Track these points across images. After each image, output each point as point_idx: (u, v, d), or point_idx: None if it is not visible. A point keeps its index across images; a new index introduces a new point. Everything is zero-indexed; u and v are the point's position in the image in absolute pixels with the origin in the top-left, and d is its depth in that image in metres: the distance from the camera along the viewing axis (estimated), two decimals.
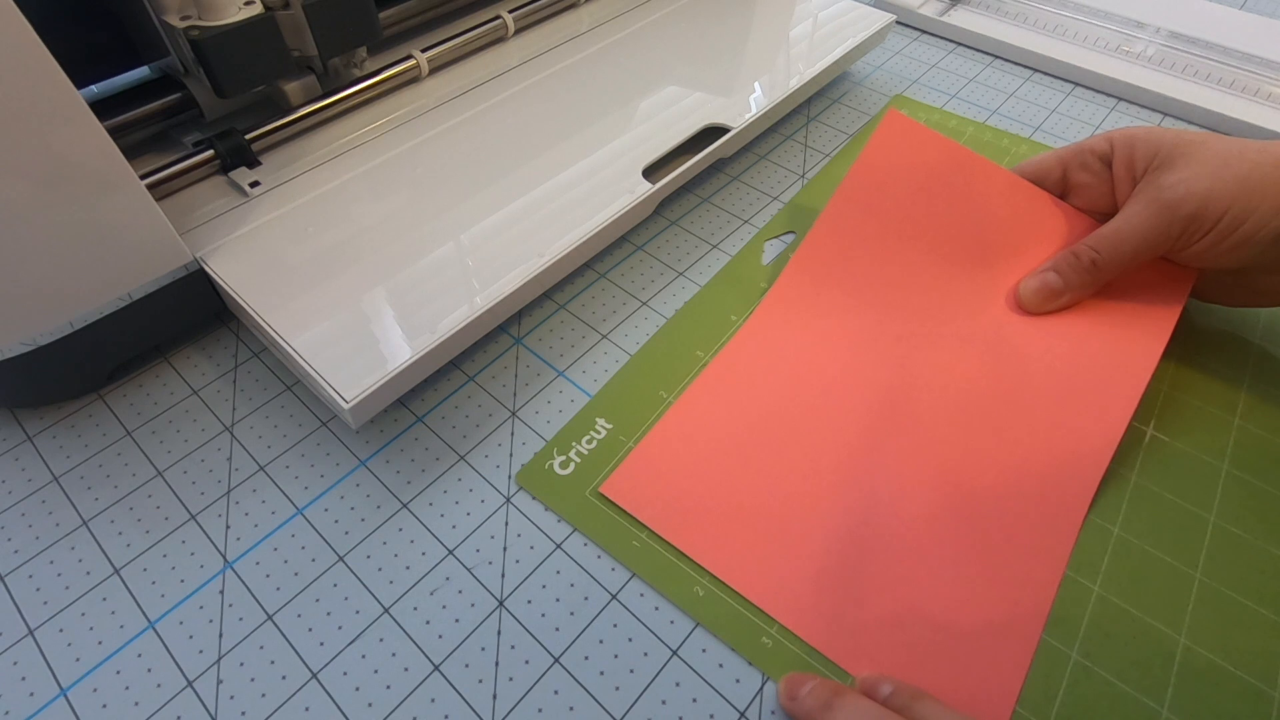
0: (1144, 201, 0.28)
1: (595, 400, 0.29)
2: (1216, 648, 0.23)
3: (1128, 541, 0.26)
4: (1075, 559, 0.25)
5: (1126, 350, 0.29)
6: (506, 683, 0.23)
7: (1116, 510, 0.27)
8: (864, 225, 0.33)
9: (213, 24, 0.29)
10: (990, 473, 0.27)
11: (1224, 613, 0.24)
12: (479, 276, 0.29)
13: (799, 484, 0.26)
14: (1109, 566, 0.25)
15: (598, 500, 0.26)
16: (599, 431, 0.28)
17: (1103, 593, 0.25)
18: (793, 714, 0.22)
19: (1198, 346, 0.31)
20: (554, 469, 0.27)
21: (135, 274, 0.27)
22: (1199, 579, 0.25)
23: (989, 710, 0.22)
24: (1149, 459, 0.28)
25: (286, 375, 0.30)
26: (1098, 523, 0.26)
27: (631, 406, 0.29)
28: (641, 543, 0.25)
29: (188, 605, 0.24)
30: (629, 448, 0.28)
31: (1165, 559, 0.25)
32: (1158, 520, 0.26)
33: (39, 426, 0.29)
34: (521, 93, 0.38)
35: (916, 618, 0.24)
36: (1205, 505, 0.27)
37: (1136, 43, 0.47)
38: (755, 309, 0.32)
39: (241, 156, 0.33)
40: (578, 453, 0.28)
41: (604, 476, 0.27)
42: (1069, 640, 0.24)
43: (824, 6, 0.45)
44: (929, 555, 0.25)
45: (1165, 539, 0.26)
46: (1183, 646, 0.23)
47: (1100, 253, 0.29)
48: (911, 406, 0.28)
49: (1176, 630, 0.24)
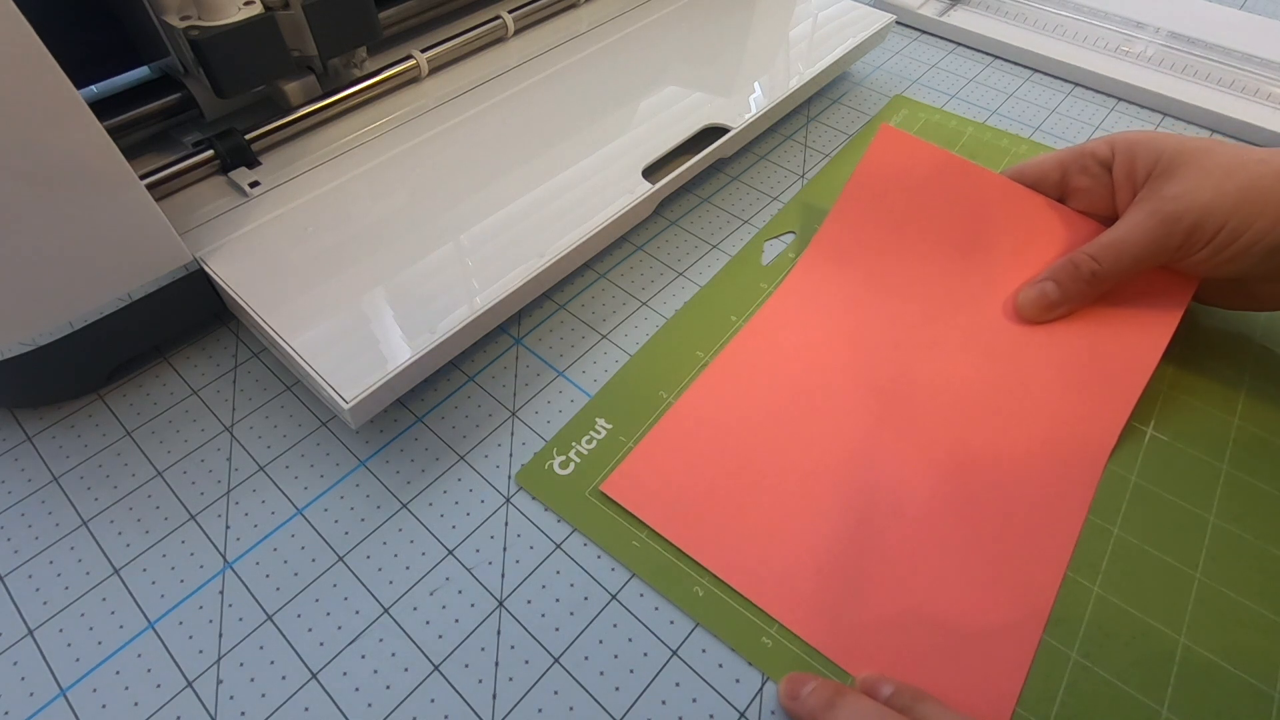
0: (1145, 212, 0.27)
1: (595, 400, 0.29)
2: (1216, 648, 0.23)
3: (1127, 541, 0.26)
4: (1075, 559, 0.25)
5: (1125, 354, 0.29)
6: (506, 683, 0.23)
7: (1116, 510, 0.27)
8: (863, 233, 0.33)
9: (213, 24, 0.29)
10: (990, 474, 0.27)
11: (1224, 613, 0.24)
12: (479, 276, 0.29)
13: (799, 484, 0.26)
14: (1109, 567, 0.25)
15: (597, 500, 0.26)
16: (599, 431, 0.28)
17: (1102, 593, 0.25)
18: (794, 714, 0.22)
19: (1198, 346, 0.31)
20: (554, 469, 0.27)
21: (135, 274, 0.27)
22: (1199, 579, 0.25)
23: (989, 711, 0.22)
24: (1149, 459, 0.28)
25: (286, 375, 0.30)
26: (1097, 523, 0.26)
27: (631, 406, 0.29)
28: (641, 542, 0.25)
29: (187, 605, 0.24)
30: (629, 447, 0.28)
31: (1165, 559, 0.25)
32: (1157, 520, 0.26)
33: (39, 426, 0.29)
34: (521, 93, 0.38)
35: (917, 618, 0.24)
36: (1205, 505, 0.27)
37: (1136, 43, 0.47)
38: (757, 310, 0.32)
39: (241, 156, 0.33)
40: (577, 453, 0.28)
41: (604, 476, 0.27)
42: (1069, 640, 0.24)
43: (824, 6, 0.45)
44: (930, 555, 0.25)
45: (1165, 539, 0.26)
46: (1182, 646, 0.23)
47: (1100, 263, 0.28)
48: (911, 409, 0.28)
49: (1176, 630, 0.24)
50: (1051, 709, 0.22)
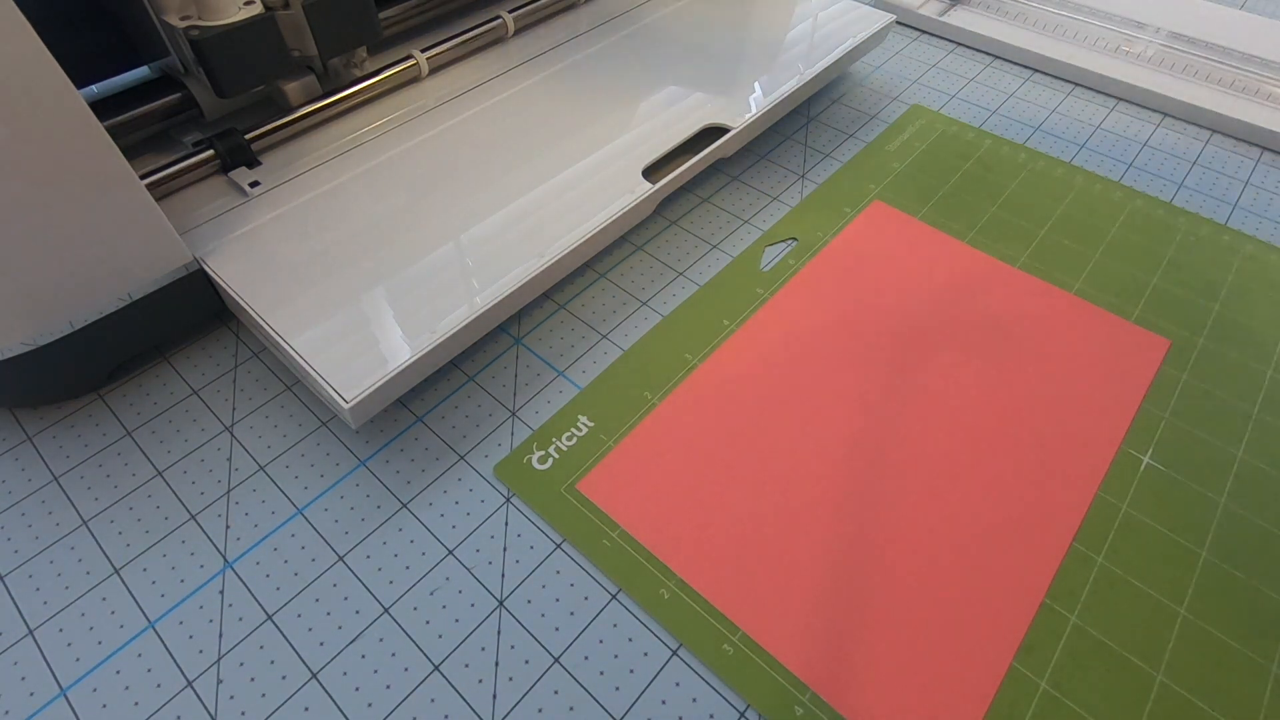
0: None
1: (579, 397, 0.30)
2: (1194, 686, 0.22)
3: (1111, 572, 0.25)
4: (1054, 586, 0.24)
5: (1106, 398, 0.29)
6: (506, 683, 0.23)
7: (1102, 539, 0.26)
8: (854, 267, 0.34)
9: (213, 24, 0.29)
10: (972, 498, 0.27)
11: (1206, 652, 0.23)
12: (479, 276, 0.29)
13: (776, 499, 0.26)
14: (1089, 596, 0.24)
15: (572, 497, 0.26)
16: (580, 429, 0.28)
17: (1080, 622, 0.24)
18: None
19: (1206, 375, 0.30)
20: (532, 463, 0.27)
21: (135, 274, 0.27)
22: (1183, 615, 0.24)
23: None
24: (1142, 488, 0.27)
25: (286, 375, 0.30)
26: (1081, 550, 0.25)
27: (614, 406, 0.29)
28: (612, 542, 0.25)
29: (188, 605, 0.24)
30: (609, 446, 0.28)
31: (1150, 592, 0.24)
32: (1145, 552, 0.25)
33: (39, 426, 0.29)
34: (521, 93, 0.38)
35: (883, 638, 0.23)
36: (1198, 540, 0.26)
37: (1136, 43, 0.47)
38: (750, 317, 0.32)
39: (241, 156, 0.33)
40: (557, 448, 0.28)
41: (581, 474, 0.27)
42: (1039, 669, 0.23)
43: (824, 6, 0.45)
44: (902, 577, 0.25)
45: (1152, 572, 0.25)
46: (1159, 683, 0.22)
47: None
48: (895, 431, 0.28)
49: (1155, 666, 0.23)
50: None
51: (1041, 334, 0.31)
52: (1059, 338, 0.31)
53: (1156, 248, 0.35)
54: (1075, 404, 0.29)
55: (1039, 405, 0.29)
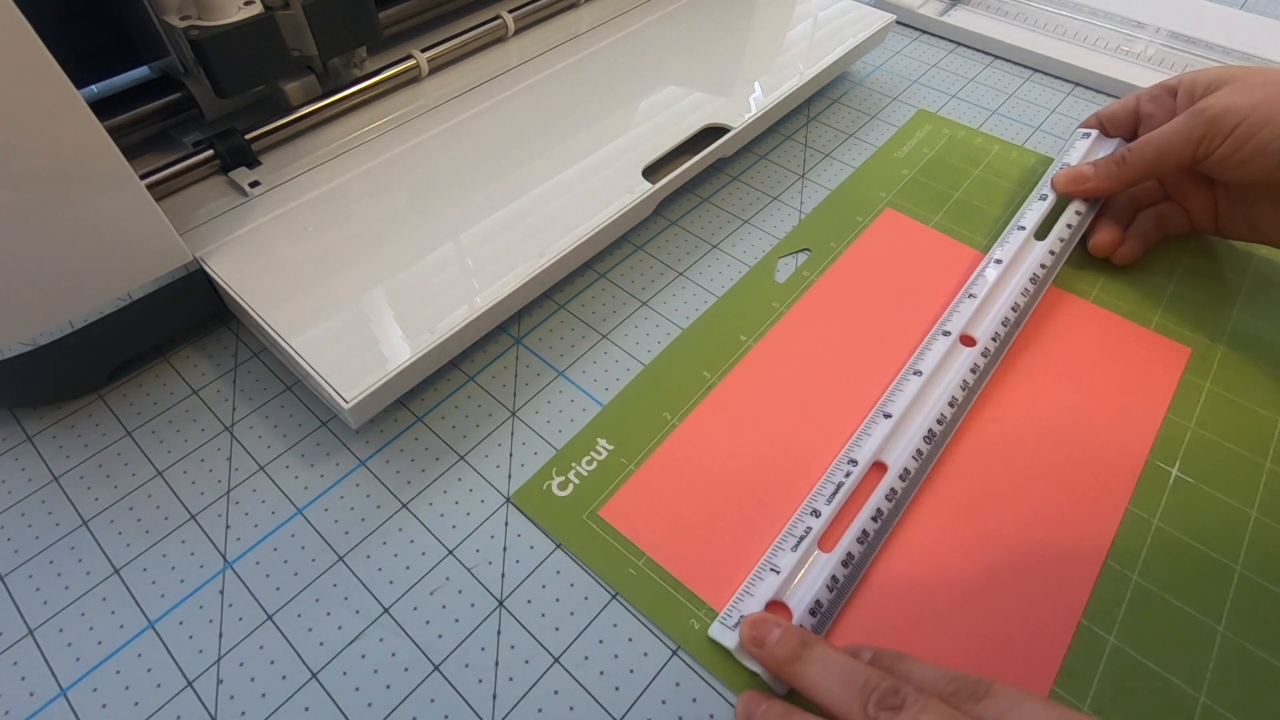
0: (1180, 116, 0.31)
1: (597, 419, 0.29)
2: (1239, 708, 0.21)
3: (1146, 590, 0.24)
4: (1090, 607, 0.24)
5: (1131, 409, 0.29)
6: (506, 683, 0.23)
7: (1136, 555, 0.25)
8: (869, 278, 0.34)
9: (213, 24, 0.29)
10: (1004, 516, 0.26)
11: (1248, 671, 0.22)
12: (479, 276, 0.29)
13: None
14: (1126, 616, 0.23)
15: (595, 524, 0.26)
16: (599, 453, 0.28)
17: (1118, 644, 0.23)
18: (761, 660, 0.21)
19: (1232, 384, 0.30)
20: (552, 490, 0.27)
21: (135, 274, 0.27)
22: (1222, 633, 0.23)
23: None
24: (1172, 502, 0.26)
25: (286, 375, 0.30)
26: (1115, 568, 0.24)
27: (634, 427, 0.28)
28: (638, 570, 0.25)
29: (188, 605, 0.24)
30: (630, 471, 0.27)
31: (1187, 610, 0.23)
32: (1180, 568, 0.24)
33: (39, 426, 0.29)
34: (521, 93, 0.38)
35: None
36: (1231, 554, 0.25)
37: (1136, 43, 0.47)
38: (767, 331, 0.32)
39: (241, 156, 0.33)
40: (577, 474, 0.27)
41: (603, 500, 0.26)
42: (1080, 694, 0.22)
43: (824, 6, 0.45)
44: (935, 600, 0.24)
45: (1188, 588, 0.24)
46: (1202, 705, 0.22)
47: (1130, 151, 0.32)
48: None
49: (1196, 688, 0.22)
50: None
51: (1063, 344, 0.31)
52: (1080, 347, 0.31)
53: (1171, 253, 0.35)
54: (1101, 416, 0.29)
55: (1065, 418, 0.28)
